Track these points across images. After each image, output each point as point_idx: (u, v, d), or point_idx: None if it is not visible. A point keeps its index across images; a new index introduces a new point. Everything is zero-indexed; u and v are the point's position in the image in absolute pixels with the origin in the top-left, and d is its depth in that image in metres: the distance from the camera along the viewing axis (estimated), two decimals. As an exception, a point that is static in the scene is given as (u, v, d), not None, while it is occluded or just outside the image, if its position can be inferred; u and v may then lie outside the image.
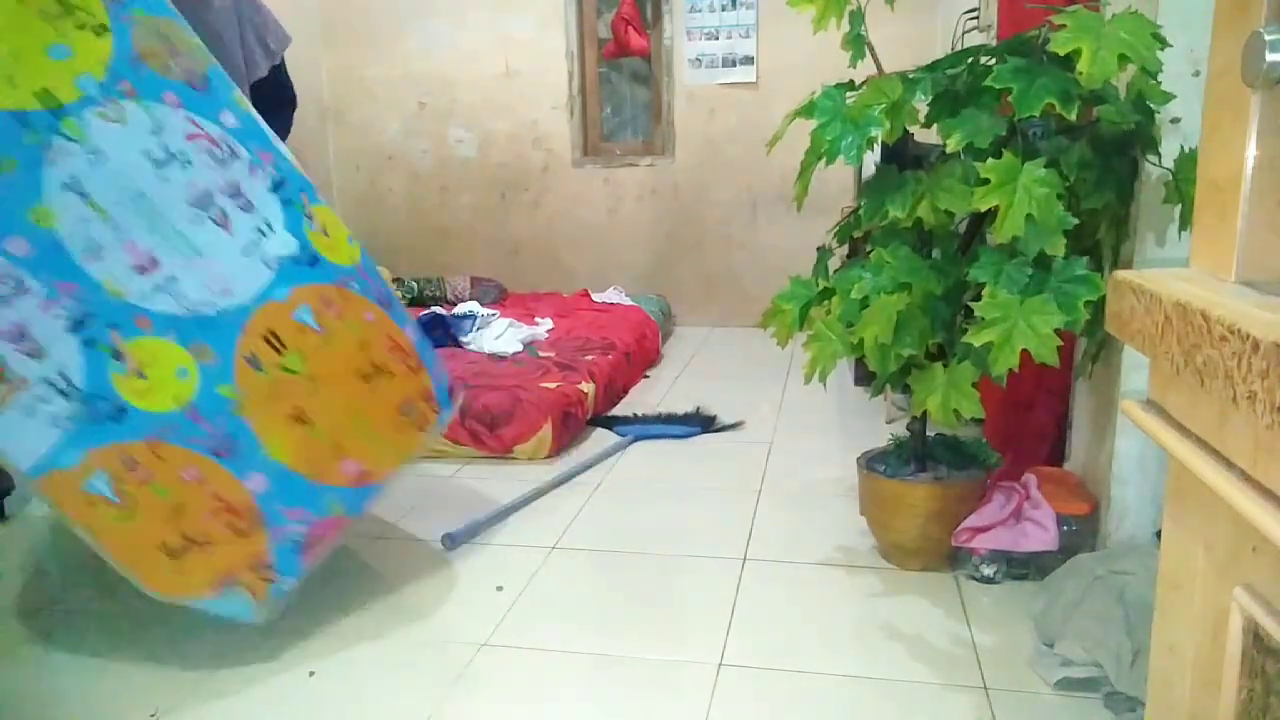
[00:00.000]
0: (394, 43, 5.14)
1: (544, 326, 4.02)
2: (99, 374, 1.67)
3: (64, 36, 1.72)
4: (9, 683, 1.80)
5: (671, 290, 4.99)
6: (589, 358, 3.55)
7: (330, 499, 1.88)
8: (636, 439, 3.13)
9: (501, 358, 3.56)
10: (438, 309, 4.02)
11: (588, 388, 3.26)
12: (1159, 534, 0.96)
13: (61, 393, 1.64)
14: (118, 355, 1.69)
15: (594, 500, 2.63)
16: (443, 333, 3.82)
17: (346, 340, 1.94)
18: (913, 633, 1.88)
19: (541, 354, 3.61)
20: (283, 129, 2.61)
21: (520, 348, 3.72)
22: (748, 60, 4.77)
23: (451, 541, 2.32)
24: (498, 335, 3.78)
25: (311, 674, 1.79)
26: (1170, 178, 1.74)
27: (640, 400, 3.61)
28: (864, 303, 1.88)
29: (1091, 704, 1.61)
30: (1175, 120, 1.79)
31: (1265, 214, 0.68)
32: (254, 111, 1.98)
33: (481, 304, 4.15)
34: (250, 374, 1.80)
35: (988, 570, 2.05)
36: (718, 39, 4.78)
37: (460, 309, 3.96)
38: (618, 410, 3.46)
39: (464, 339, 3.78)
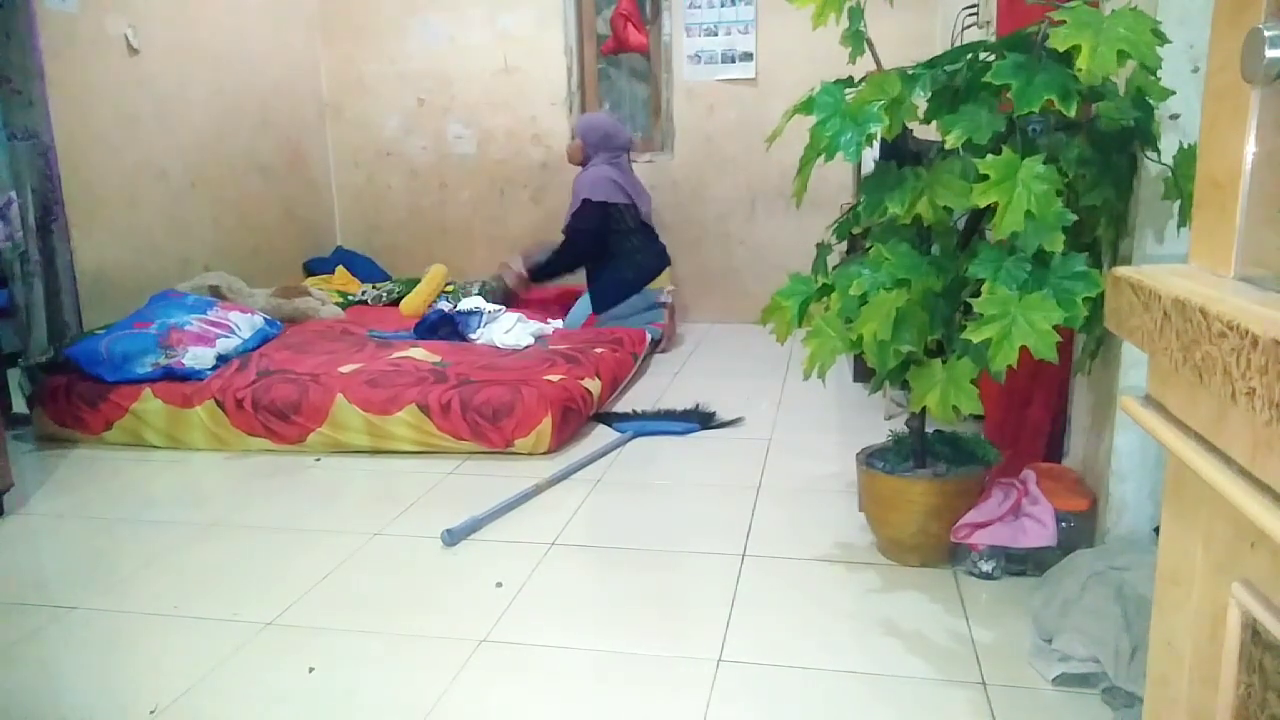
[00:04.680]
0: (392, 39, 5.14)
1: (554, 325, 4.06)
2: None
3: None
4: (9, 681, 1.81)
5: (673, 289, 4.98)
6: (598, 350, 3.57)
7: None
8: (635, 435, 3.13)
9: (513, 351, 3.58)
10: (443, 307, 4.02)
11: (593, 384, 3.26)
12: (1157, 530, 0.96)
13: None
14: None
15: (593, 496, 2.64)
16: (450, 330, 3.83)
17: None
18: (911, 628, 1.88)
19: (551, 347, 3.63)
20: None
21: (531, 341, 3.74)
22: (747, 56, 4.77)
23: (451, 537, 2.32)
24: (507, 329, 3.80)
25: (311, 670, 1.79)
26: (1169, 174, 1.74)
27: (640, 396, 3.61)
28: (863, 299, 1.88)
29: (1089, 699, 1.61)
30: (1174, 116, 1.79)
31: (1264, 210, 0.68)
32: None
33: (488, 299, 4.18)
34: None
35: (986, 566, 2.05)
36: (717, 35, 4.78)
37: (465, 305, 3.96)
38: (617, 407, 3.47)
39: (471, 335, 3.79)
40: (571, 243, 4.26)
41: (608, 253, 4.27)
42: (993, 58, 1.78)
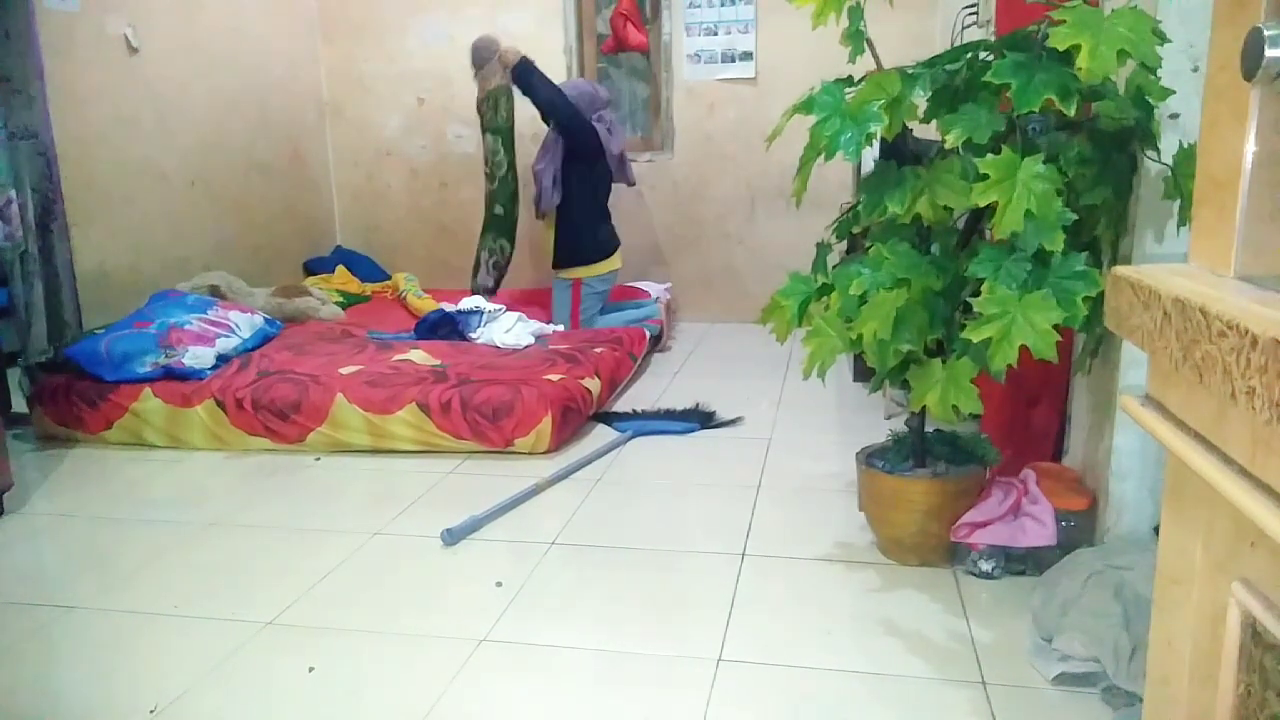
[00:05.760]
0: (393, 39, 5.14)
1: (554, 326, 4.06)
2: None
3: None
4: (9, 680, 1.81)
5: (670, 285, 4.99)
6: (598, 350, 3.57)
7: None
8: (635, 435, 3.13)
9: (513, 351, 3.58)
10: (445, 306, 4.02)
11: (592, 384, 3.26)
12: (1157, 529, 0.96)
13: None
14: None
15: (593, 496, 2.64)
16: (450, 329, 3.82)
17: None
18: (911, 628, 1.88)
19: (551, 347, 3.63)
20: None
21: (531, 341, 3.74)
22: (747, 56, 4.77)
23: (451, 537, 2.32)
24: (508, 329, 3.80)
25: (311, 670, 1.79)
26: (1169, 173, 1.74)
27: (639, 396, 3.61)
28: (863, 299, 1.88)
29: (1089, 699, 1.61)
30: (1174, 116, 1.79)
31: (1264, 209, 0.68)
32: None
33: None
34: None
35: (986, 566, 2.05)
36: (717, 34, 4.78)
37: (465, 304, 3.96)
38: (617, 406, 3.47)
39: (471, 335, 3.79)
40: (567, 107, 4.09)
41: (576, 217, 4.22)
42: (992, 57, 1.78)
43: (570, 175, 4.19)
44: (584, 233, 4.23)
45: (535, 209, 4.31)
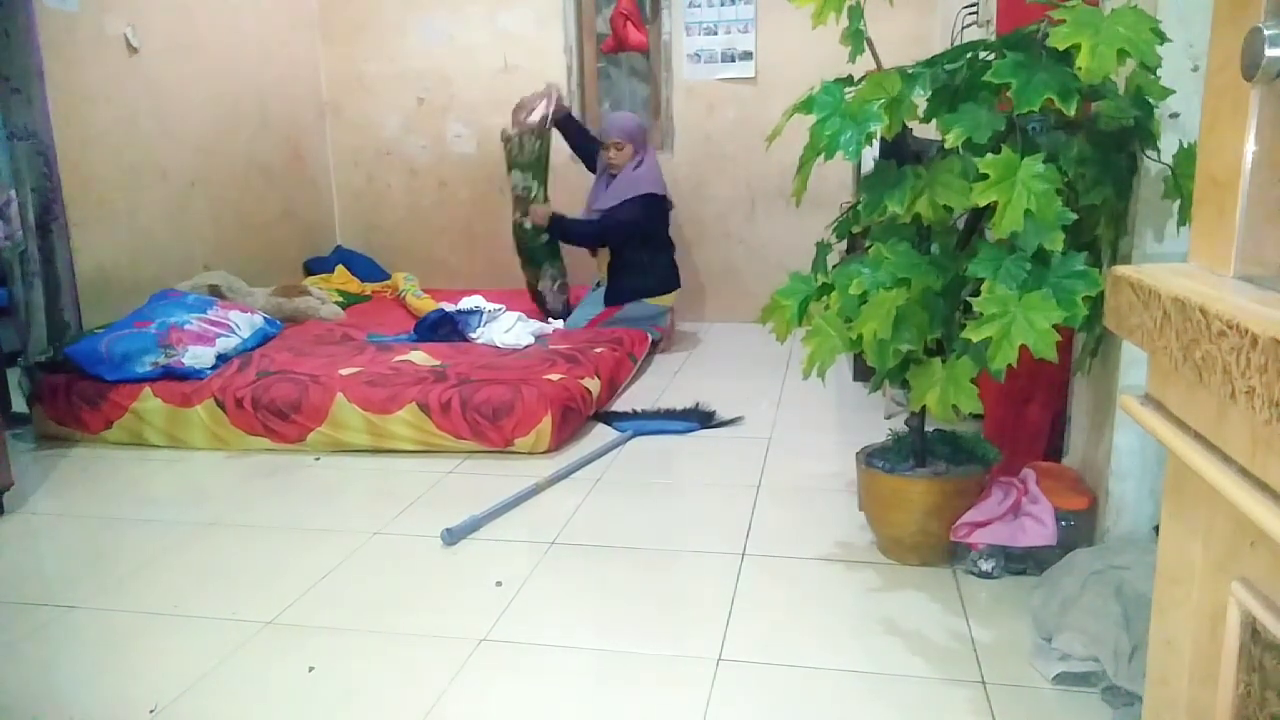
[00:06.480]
0: (392, 38, 5.14)
1: (554, 325, 4.05)
2: None
3: None
4: (9, 680, 1.81)
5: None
6: (598, 350, 3.56)
7: None
8: (635, 434, 3.13)
9: (513, 351, 3.58)
10: (445, 306, 4.02)
11: (592, 384, 3.26)
12: (1157, 529, 0.96)
13: None
14: None
15: (593, 495, 2.64)
16: (450, 329, 3.82)
17: None
18: (911, 628, 1.88)
19: (551, 347, 3.63)
20: None
21: (531, 341, 3.74)
22: (746, 55, 4.77)
23: (451, 536, 2.32)
24: (508, 329, 3.80)
25: (311, 670, 1.79)
26: (1169, 173, 1.74)
27: (639, 396, 3.61)
28: (863, 298, 1.88)
29: (1089, 698, 1.61)
30: (1174, 115, 1.79)
31: (1264, 209, 0.68)
32: None
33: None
34: None
35: (986, 565, 2.05)
36: (716, 34, 4.78)
37: (465, 304, 3.96)
38: (617, 406, 3.47)
39: (471, 335, 3.79)
40: (617, 225, 4.09)
41: (640, 250, 4.17)
42: (992, 56, 1.78)
43: None
44: (634, 273, 4.18)
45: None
